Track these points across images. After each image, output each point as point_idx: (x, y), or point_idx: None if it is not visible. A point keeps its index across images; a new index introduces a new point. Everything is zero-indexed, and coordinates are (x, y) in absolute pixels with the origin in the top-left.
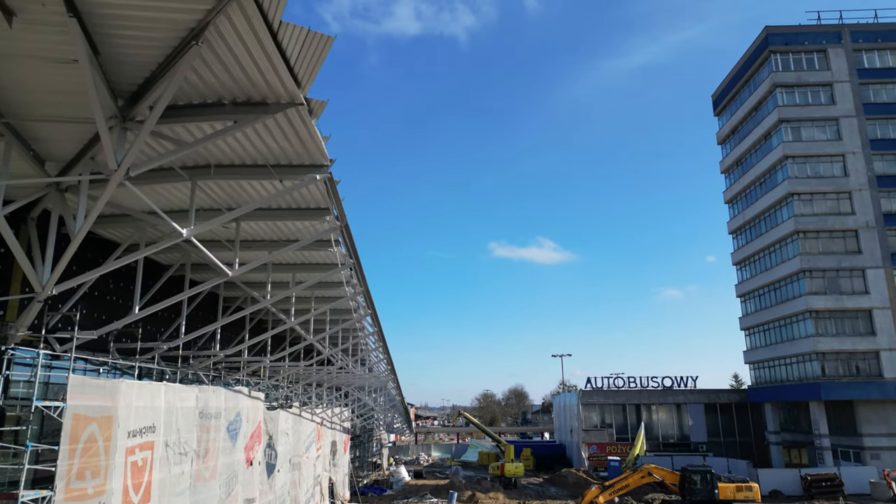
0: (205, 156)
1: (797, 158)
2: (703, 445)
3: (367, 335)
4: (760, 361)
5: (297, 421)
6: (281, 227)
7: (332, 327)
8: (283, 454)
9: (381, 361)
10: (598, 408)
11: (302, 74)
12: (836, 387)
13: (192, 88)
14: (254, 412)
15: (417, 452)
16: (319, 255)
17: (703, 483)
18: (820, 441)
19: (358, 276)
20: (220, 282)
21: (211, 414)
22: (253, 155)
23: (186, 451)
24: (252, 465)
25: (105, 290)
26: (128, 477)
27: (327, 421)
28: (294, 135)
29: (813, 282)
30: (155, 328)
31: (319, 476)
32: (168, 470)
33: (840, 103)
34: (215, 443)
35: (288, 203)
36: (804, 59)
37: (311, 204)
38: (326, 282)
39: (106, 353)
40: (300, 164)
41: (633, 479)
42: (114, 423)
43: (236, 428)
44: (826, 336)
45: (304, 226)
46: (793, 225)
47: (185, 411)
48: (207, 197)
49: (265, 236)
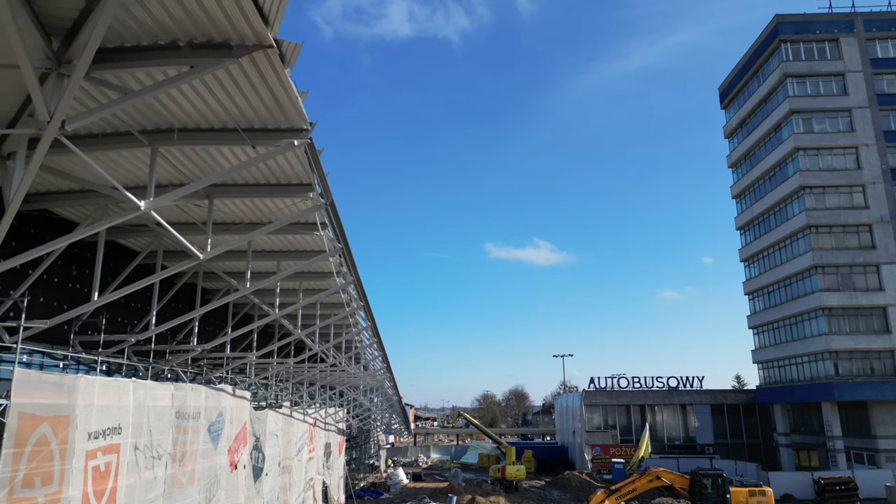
0: (166, 118)
1: (808, 151)
2: (709, 447)
3: (361, 330)
4: (770, 361)
5: (287, 422)
6: (260, 207)
7: (323, 322)
8: (271, 457)
9: (376, 359)
10: (601, 409)
11: (268, 8)
12: (849, 387)
13: (139, 27)
14: (238, 412)
15: (416, 454)
16: (305, 240)
17: (715, 488)
18: (833, 443)
19: (348, 265)
20: (192, 265)
21: (189, 414)
22: (221, 116)
23: (160, 455)
24: (237, 469)
25: (67, 276)
26: (88, 483)
27: (320, 422)
28: (265, 88)
29: (825, 278)
30: (127, 320)
31: (312, 480)
32: (138, 475)
33: (853, 94)
34: (194, 445)
35: (266, 178)
36: (815, 49)
37: (293, 179)
38: (314, 271)
39: (66, 346)
40: (276, 129)
41: (640, 483)
42: (71, 423)
43: (218, 429)
44: (839, 334)
45: (286, 205)
46: (804, 219)
47: (159, 411)
48: (175, 169)
49: (243, 217)
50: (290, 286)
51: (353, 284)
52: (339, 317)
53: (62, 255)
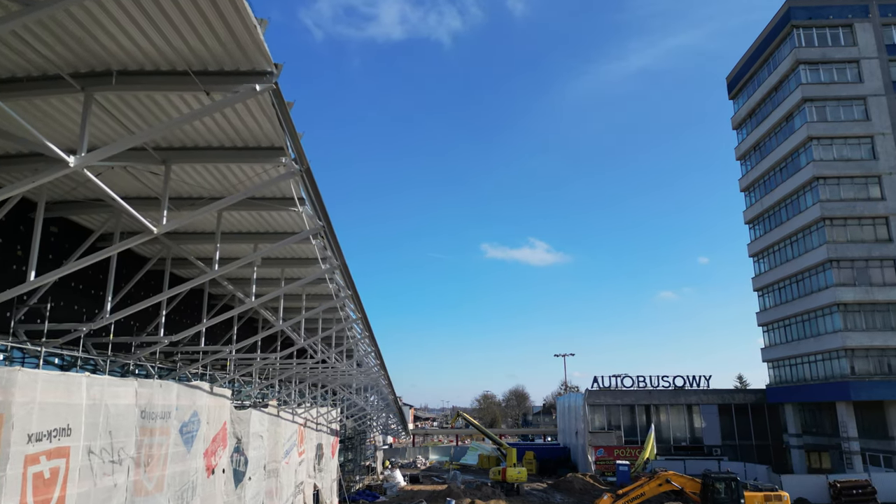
0: (102, 57)
1: (822, 140)
2: (716, 449)
3: (351, 323)
4: (780, 359)
5: (274, 422)
6: (227, 177)
7: (309, 313)
8: (255, 460)
9: (369, 354)
10: (604, 409)
11: None
12: (866, 386)
13: None
14: (217, 412)
15: (414, 455)
16: (282, 218)
17: (728, 492)
18: (848, 445)
19: (331, 246)
20: (154, 248)
21: (156, 413)
22: (168, 55)
23: (121, 459)
24: (214, 474)
25: (9, 257)
26: (28, 493)
27: (312, 422)
28: (216, 16)
29: (840, 272)
30: (86, 308)
31: (302, 483)
32: (93, 482)
33: (868, 81)
34: (162, 448)
35: (232, 140)
36: (829, 35)
37: (262, 141)
38: (297, 257)
39: (7, 336)
40: (234, 71)
41: (649, 486)
42: (5, 423)
43: (192, 430)
44: (855, 331)
45: (255, 173)
46: (818, 211)
47: (120, 410)
48: (119, 125)
49: (210, 191)
50: (271, 275)
51: (338, 270)
52: (324, 306)
53: (1, 233)
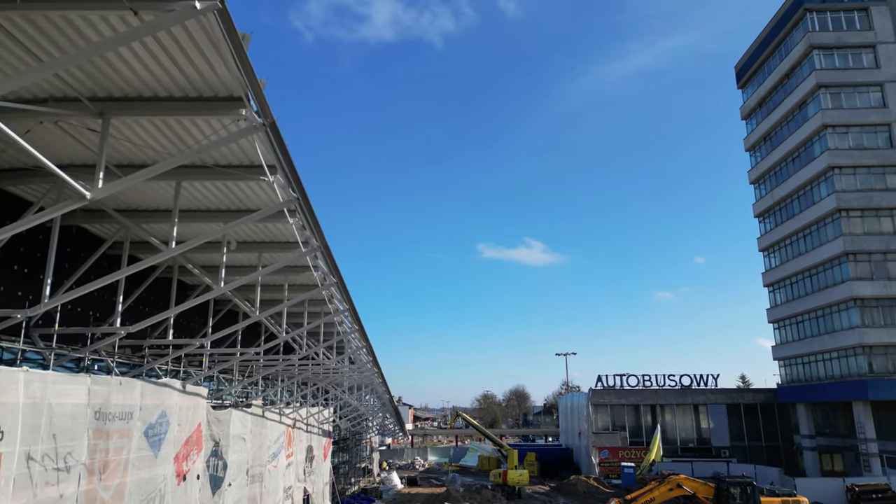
0: None
1: (837, 128)
2: (725, 450)
3: (339, 314)
4: (792, 357)
5: (258, 423)
6: (183, 137)
7: (291, 303)
8: (236, 464)
9: (360, 349)
10: (608, 409)
11: None
12: (885, 385)
13: None
14: (190, 412)
15: (413, 456)
16: (253, 192)
17: (744, 497)
18: (865, 446)
19: (309, 225)
20: (76, 206)
21: (114, 414)
22: None
23: (68, 466)
24: (186, 480)
25: None
26: None
27: (301, 422)
28: None
29: (857, 266)
30: (34, 296)
31: (291, 488)
32: (32, 493)
33: (885, 67)
34: (123, 453)
35: (183, 89)
36: (843, 19)
37: (219, 90)
38: (275, 241)
39: None
40: None
41: (659, 491)
42: None
43: (160, 432)
44: (873, 327)
45: (214, 130)
46: (834, 202)
47: (68, 410)
48: (27, 53)
49: (164, 154)
50: (248, 261)
51: (319, 252)
52: (307, 295)
53: None
